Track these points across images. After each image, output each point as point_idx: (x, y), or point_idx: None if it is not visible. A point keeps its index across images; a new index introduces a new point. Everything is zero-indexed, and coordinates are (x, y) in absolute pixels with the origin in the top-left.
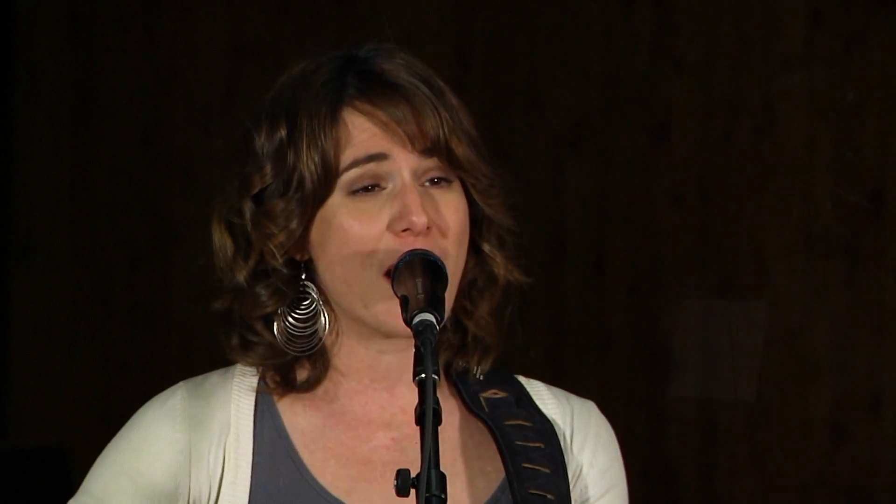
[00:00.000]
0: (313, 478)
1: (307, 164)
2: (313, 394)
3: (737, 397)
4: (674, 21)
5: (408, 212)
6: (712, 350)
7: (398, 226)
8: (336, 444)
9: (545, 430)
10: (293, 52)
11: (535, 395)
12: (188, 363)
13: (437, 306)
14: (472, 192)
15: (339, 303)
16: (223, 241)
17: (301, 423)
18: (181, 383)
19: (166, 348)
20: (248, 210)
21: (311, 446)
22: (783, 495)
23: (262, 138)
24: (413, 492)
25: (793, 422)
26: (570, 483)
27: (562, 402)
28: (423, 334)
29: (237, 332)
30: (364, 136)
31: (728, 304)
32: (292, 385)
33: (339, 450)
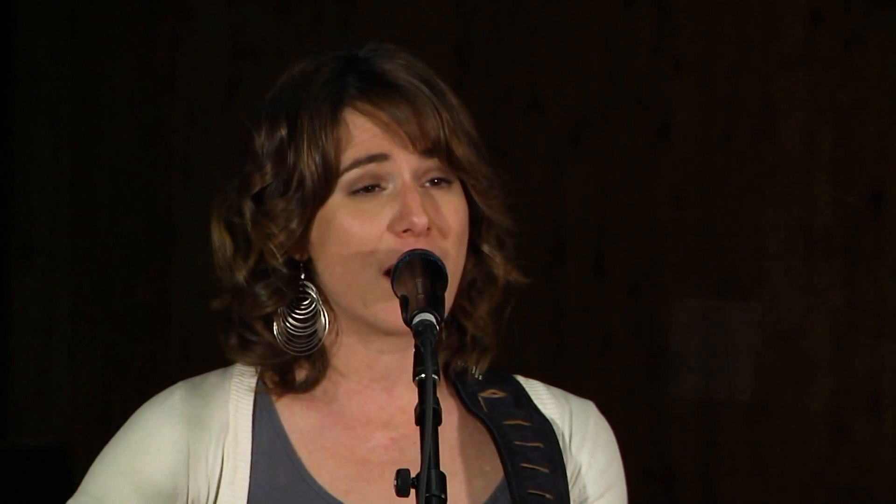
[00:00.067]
0: (312, 477)
1: (308, 164)
2: (312, 394)
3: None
4: (674, 21)
5: (409, 212)
6: (712, 350)
7: (399, 226)
8: (334, 444)
9: (544, 429)
10: (293, 52)
11: (533, 395)
12: (188, 363)
13: (437, 306)
14: (472, 193)
15: (338, 302)
16: (222, 241)
17: (299, 423)
18: (179, 383)
19: (166, 348)
20: (248, 209)
21: (310, 446)
22: (783, 495)
23: (262, 137)
24: (413, 492)
25: (793, 422)
26: (569, 483)
27: (560, 402)
28: (423, 334)
29: (236, 331)
30: (365, 137)
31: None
32: (291, 385)
33: (338, 450)
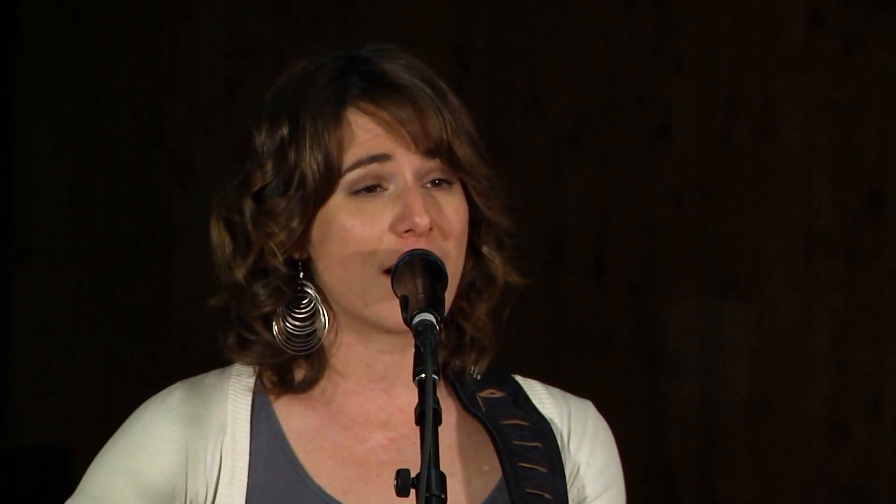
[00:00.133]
0: (310, 478)
1: (309, 164)
2: (310, 394)
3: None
4: (674, 21)
5: (410, 213)
6: (712, 350)
7: (401, 227)
8: (333, 445)
9: (542, 429)
10: (293, 52)
11: (532, 395)
12: (188, 363)
13: (437, 306)
14: (473, 194)
15: (338, 302)
16: (222, 239)
17: (298, 423)
18: (178, 383)
19: (166, 348)
20: (248, 208)
21: (308, 446)
22: (783, 495)
23: (262, 136)
24: (413, 492)
25: (793, 422)
26: (568, 482)
27: (559, 402)
28: (423, 334)
29: (234, 331)
30: (367, 137)
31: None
32: (289, 385)
33: (336, 450)
